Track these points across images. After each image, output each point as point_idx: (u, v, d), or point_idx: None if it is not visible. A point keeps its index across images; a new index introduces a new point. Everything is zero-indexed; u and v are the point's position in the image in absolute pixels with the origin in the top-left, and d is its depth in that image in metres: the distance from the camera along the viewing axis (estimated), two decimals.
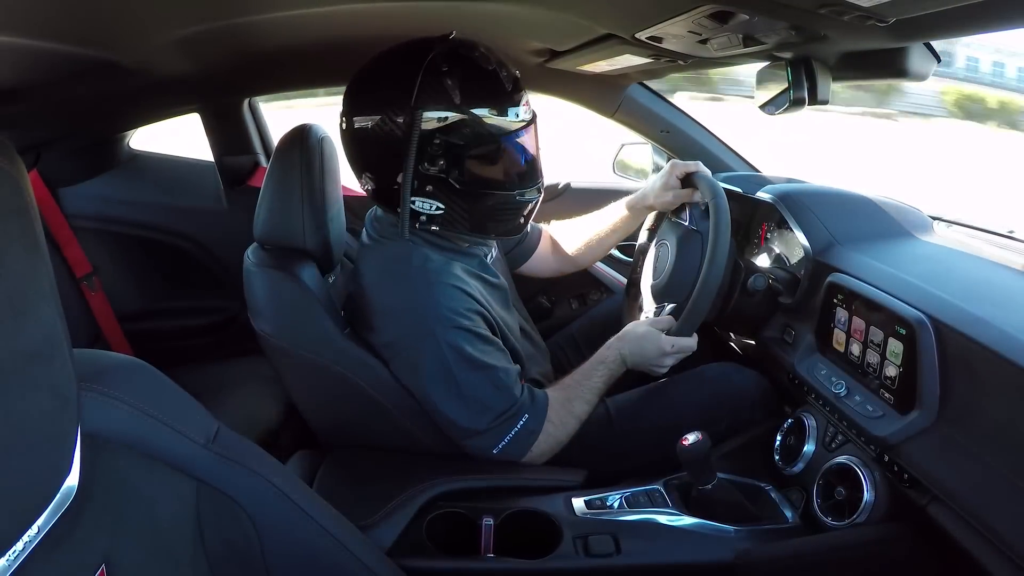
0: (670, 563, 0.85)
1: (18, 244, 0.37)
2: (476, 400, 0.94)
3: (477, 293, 0.99)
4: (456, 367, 0.92)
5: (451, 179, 0.90)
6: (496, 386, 0.95)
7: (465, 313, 0.94)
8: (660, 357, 1.03)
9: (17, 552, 0.38)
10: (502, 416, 0.95)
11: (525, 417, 0.96)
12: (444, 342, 0.92)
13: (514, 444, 0.96)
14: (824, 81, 0.95)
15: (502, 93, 0.90)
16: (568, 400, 1.02)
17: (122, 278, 1.78)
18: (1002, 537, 0.66)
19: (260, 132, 1.82)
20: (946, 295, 0.81)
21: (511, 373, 0.98)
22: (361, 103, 0.92)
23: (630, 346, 1.05)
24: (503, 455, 0.97)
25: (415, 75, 0.86)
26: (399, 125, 0.87)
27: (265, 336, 1.02)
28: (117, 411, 0.49)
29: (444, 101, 0.87)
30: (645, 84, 1.63)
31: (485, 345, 0.96)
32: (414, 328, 0.94)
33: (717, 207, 1.03)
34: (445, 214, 0.94)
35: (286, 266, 0.99)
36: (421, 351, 0.93)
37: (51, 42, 0.83)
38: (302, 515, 0.58)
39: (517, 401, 0.96)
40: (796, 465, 0.99)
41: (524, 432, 0.96)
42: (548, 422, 0.98)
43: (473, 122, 0.88)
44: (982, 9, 0.59)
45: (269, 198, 1.04)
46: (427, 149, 0.87)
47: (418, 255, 0.96)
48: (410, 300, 0.94)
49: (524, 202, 0.98)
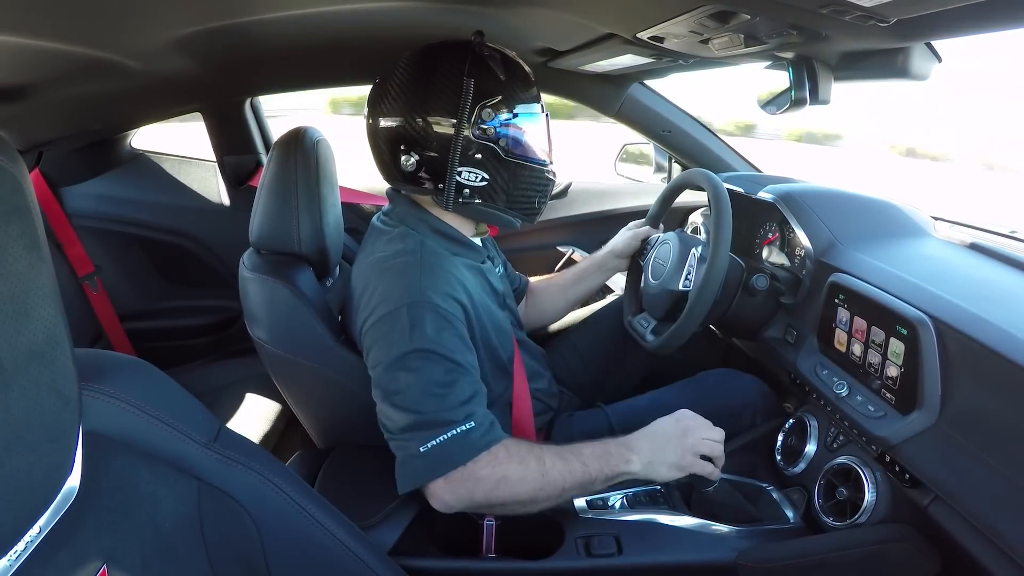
0: (672, 563, 0.85)
1: (19, 244, 0.37)
2: (422, 387, 0.83)
3: (469, 283, 0.97)
4: (411, 351, 0.83)
5: (499, 147, 0.95)
6: (448, 379, 0.84)
7: (444, 296, 0.89)
8: (683, 453, 0.88)
9: (19, 552, 0.38)
10: (445, 410, 0.82)
11: (471, 424, 0.82)
12: (414, 319, 0.85)
13: (449, 448, 0.81)
14: (826, 81, 0.95)
15: (530, 79, 0.99)
16: (541, 449, 0.86)
17: (124, 278, 1.78)
18: (1003, 537, 0.66)
19: (262, 132, 1.82)
20: (947, 295, 0.81)
21: (467, 377, 0.86)
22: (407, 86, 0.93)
23: (647, 437, 0.90)
24: (430, 459, 0.81)
25: (464, 54, 0.93)
26: (454, 99, 0.91)
27: (260, 342, 1.02)
28: (119, 411, 0.49)
29: (491, 76, 0.93)
30: (646, 84, 1.63)
31: (453, 337, 0.88)
32: (386, 302, 0.87)
33: (719, 208, 1.03)
34: (488, 186, 0.96)
35: (281, 272, 0.98)
36: (388, 324, 0.86)
37: (53, 42, 0.84)
38: (303, 515, 0.58)
39: (469, 401, 0.84)
40: (797, 465, 0.99)
41: (465, 439, 0.81)
42: (502, 448, 0.84)
43: (516, 97, 0.95)
44: (982, 9, 0.59)
45: (264, 202, 1.03)
46: (480, 119, 0.93)
47: (415, 240, 0.96)
48: (392, 278, 0.90)
49: (549, 182, 1.03)
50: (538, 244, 1.89)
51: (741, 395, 1.14)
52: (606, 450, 0.87)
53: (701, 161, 1.68)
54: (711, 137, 1.69)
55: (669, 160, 1.78)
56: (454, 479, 0.81)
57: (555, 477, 0.83)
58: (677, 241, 1.13)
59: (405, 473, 0.83)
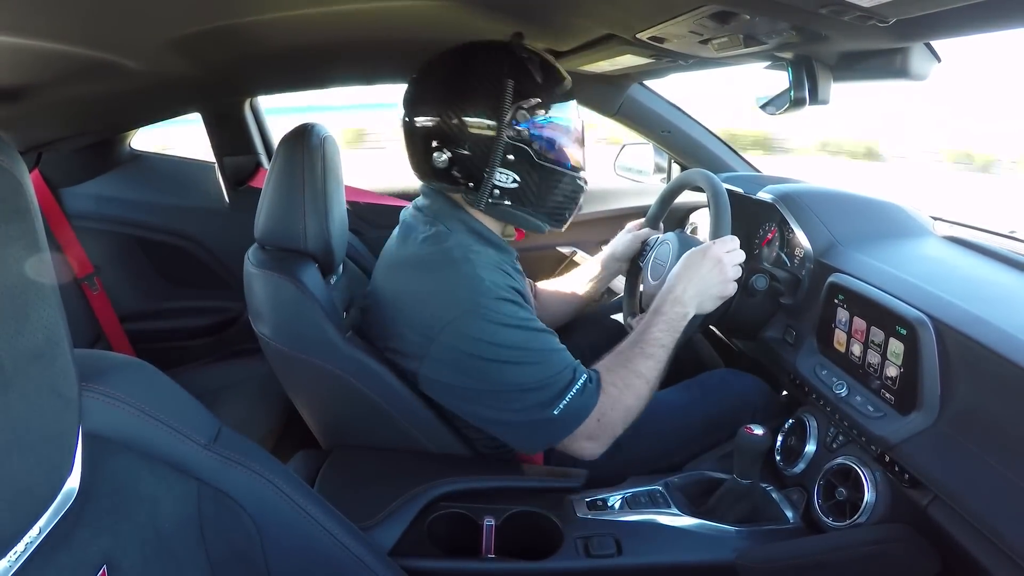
0: (671, 563, 0.85)
1: (19, 244, 0.37)
2: (530, 361, 0.90)
3: (516, 277, 0.99)
4: (506, 332, 0.90)
5: (532, 150, 0.95)
6: (549, 347, 0.93)
7: (506, 287, 0.93)
8: (720, 271, 0.99)
9: (19, 553, 0.38)
10: (559, 375, 0.90)
11: (584, 377, 0.92)
12: (491, 311, 0.89)
13: (577, 403, 0.90)
14: (825, 81, 0.95)
15: (567, 84, 0.99)
16: (626, 360, 0.97)
17: (123, 278, 1.78)
18: (1003, 537, 0.66)
19: (261, 133, 1.82)
20: (947, 295, 0.81)
21: (557, 339, 0.96)
22: (446, 84, 0.94)
23: (684, 283, 0.99)
24: (565, 417, 0.90)
25: (503, 54, 0.93)
26: (491, 100, 0.91)
27: (265, 339, 1.02)
28: (118, 411, 0.49)
29: (529, 79, 0.93)
30: (646, 84, 1.63)
31: (530, 314, 0.95)
32: (456, 304, 0.90)
33: (719, 209, 1.03)
34: (519, 188, 0.96)
35: (286, 268, 0.97)
36: (467, 323, 0.89)
37: (53, 42, 0.83)
38: (303, 515, 0.58)
39: (572, 361, 0.93)
40: (797, 465, 0.99)
41: (585, 391, 0.92)
42: (609, 384, 0.94)
43: (552, 100, 0.96)
44: (982, 9, 0.59)
45: (270, 198, 1.03)
46: (515, 121, 0.93)
47: (455, 238, 0.96)
48: (450, 278, 0.92)
49: (579, 188, 1.03)
50: (538, 245, 1.89)
51: (741, 395, 1.15)
52: (667, 319, 0.98)
53: (701, 161, 1.68)
54: (710, 137, 1.69)
55: (669, 160, 1.78)
56: (591, 433, 0.93)
57: (651, 373, 0.96)
58: (677, 242, 1.13)
59: (548, 435, 0.93)
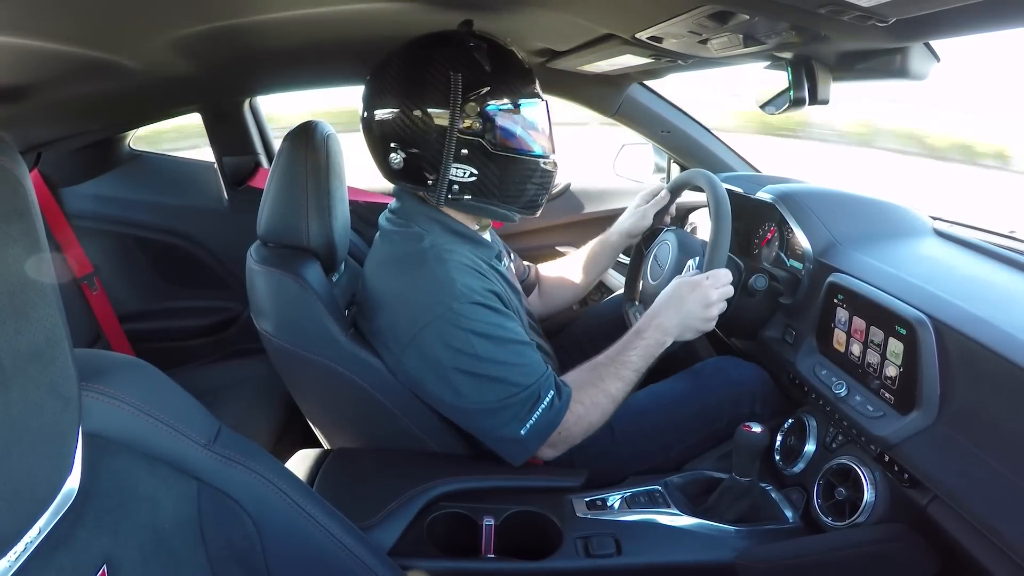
0: (671, 563, 0.85)
1: (19, 244, 0.37)
2: (498, 376, 0.90)
3: (492, 277, 0.99)
4: (476, 342, 0.90)
5: (485, 141, 0.93)
6: (519, 361, 0.92)
7: (481, 291, 0.93)
8: (705, 307, 0.98)
9: (19, 553, 0.38)
10: (527, 391, 0.90)
11: (551, 394, 0.92)
12: (462, 316, 0.89)
13: (544, 420, 0.91)
14: (824, 81, 0.95)
15: (522, 68, 0.97)
16: (599, 378, 0.97)
17: (123, 278, 1.78)
18: (1002, 536, 0.66)
19: (261, 133, 1.82)
20: (946, 295, 0.81)
21: (531, 348, 0.95)
22: (395, 82, 0.93)
23: (670, 312, 1.00)
24: (531, 436, 0.91)
25: (448, 48, 0.92)
26: (437, 95, 0.90)
27: (267, 335, 1.02)
28: (118, 411, 0.49)
29: (477, 69, 0.91)
30: (646, 84, 1.63)
31: (504, 320, 0.94)
32: (429, 308, 0.90)
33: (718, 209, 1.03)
34: (478, 181, 0.95)
35: (289, 265, 0.97)
36: (438, 329, 0.90)
37: (53, 42, 0.83)
38: (303, 515, 0.58)
39: (542, 374, 0.93)
40: (796, 465, 0.99)
41: (552, 408, 0.92)
42: (577, 403, 0.95)
43: (505, 87, 0.94)
44: (982, 9, 0.59)
45: (273, 195, 1.03)
46: (463, 114, 0.91)
47: (430, 239, 0.96)
48: (423, 280, 0.92)
49: (547, 173, 1.01)
50: (537, 245, 1.89)
51: (740, 381, 1.13)
52: (646, 344, 0.99)
53: (700, 161, 1.68)
54: (710, 138, 1.69)
55: (668, 160, 1.78)
56: (551, 442, 0.95)
57: (620, 395, 0.98)
58: (676, 245, 1.13)
59: (514, 453, 0.94)
